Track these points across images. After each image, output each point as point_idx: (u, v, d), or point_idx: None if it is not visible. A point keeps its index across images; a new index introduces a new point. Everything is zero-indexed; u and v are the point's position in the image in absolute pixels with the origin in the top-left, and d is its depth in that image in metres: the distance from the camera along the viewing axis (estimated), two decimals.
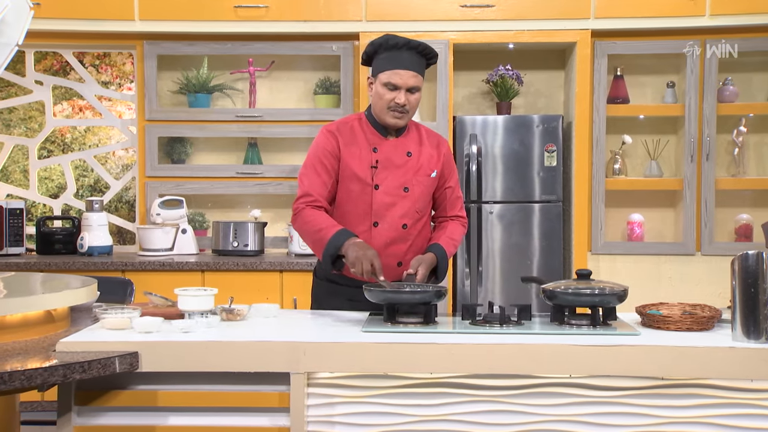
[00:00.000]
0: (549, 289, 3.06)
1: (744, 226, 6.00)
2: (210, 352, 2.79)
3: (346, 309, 3.45)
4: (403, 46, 3.41)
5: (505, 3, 5.71)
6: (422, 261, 3.38)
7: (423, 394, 2.83)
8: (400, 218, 3.47)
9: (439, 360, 2.77)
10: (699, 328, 2.95)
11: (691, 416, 2.75)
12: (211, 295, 3.10)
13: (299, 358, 2.78)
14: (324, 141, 3.48)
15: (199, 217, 6.17)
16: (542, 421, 2.80)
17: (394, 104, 3.40)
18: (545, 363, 2.75)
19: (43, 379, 2.55)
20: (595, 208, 5.86)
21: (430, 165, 3.55)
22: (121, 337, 2.86)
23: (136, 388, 2.85)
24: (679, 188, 5.90)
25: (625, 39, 5.84)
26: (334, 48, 5.95)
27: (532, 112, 6.19)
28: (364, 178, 3.45)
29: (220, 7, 5.76)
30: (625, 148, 6.02)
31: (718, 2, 5.62)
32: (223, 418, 2.85)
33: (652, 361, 2.72)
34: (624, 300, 3.01)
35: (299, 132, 6.00)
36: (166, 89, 6.20)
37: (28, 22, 3.30)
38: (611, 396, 2.78)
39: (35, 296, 2.92)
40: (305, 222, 3.38)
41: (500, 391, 2.81)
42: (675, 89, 5.96)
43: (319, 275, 3.64)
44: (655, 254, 5.89)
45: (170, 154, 6.14)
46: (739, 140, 5.96)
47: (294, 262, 5.52)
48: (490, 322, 3.03)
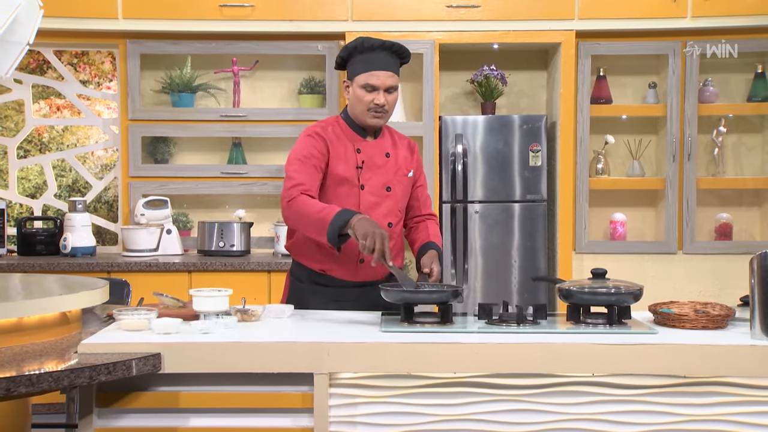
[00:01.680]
0: (565, 288, 3.08)
1: (724, 225, 6.09)
2: (233, 353, 2.78)
3: (331, 309, 3.43)
4: (378, 47, 3.42)
5: (491, 3, 5.74)
6: (433, 258, 3.41)
7: (445, 394, 2.84)
8: (385, 217, 3.49)
9: (463, 359, 2.78)
10: (714, 327, 2.99)
11: (712, 414, 2.79)
12: (226, 295, 3.09)
13: (323, 359, 2.78)
14: (313, 142, 3.44)
15: (183, 218, 6.13)
16: (565, 420, 2.82)
17: (374, 105, 3.42)
18: (568, 362, 2.77)
19: (70, 380, 2.53)
20: (579, 207, 5.91)
21: (407, 165, 3.60)
22: (141, 338, 2.83)
23: (157, 390, 2.84)
24: (661, 188, 5.98)
25: (608, 40, 5.90)
26: (319, 48, 5.95)
27: (515, 112, 6.23)
28: (350, 179, 3.46)
29: (205, 6, 5.73)
30: (607, 148, 6.08)
31: (699, 4, 5.70)
32: (245, 419, 2.84)
33: (674, 359, 2.75)
34: (639, 299, 3.04)
35: (284, 132, 5.98)
36: (149, 89, 6.15)
37: (39, 21, 3.26)
38: (633, 394, 2.81)
39: (53, 298, 2.88)
40: (303, 205, 3.27)
41: (522, 390, 2.83)
42: (657, 90, 6.03)
43: (301, 278, 3.60)
44: (637, 253, 5.96)
45: (153, 154, 6.09)
46: (718, 140, 6.05)
47: (282, 263, 5.50)
48: (507, 321, 3.04)
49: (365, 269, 3.43)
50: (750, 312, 2.86)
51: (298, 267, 3.61)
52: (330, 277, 3.46)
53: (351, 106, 3.50)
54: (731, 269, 5.90)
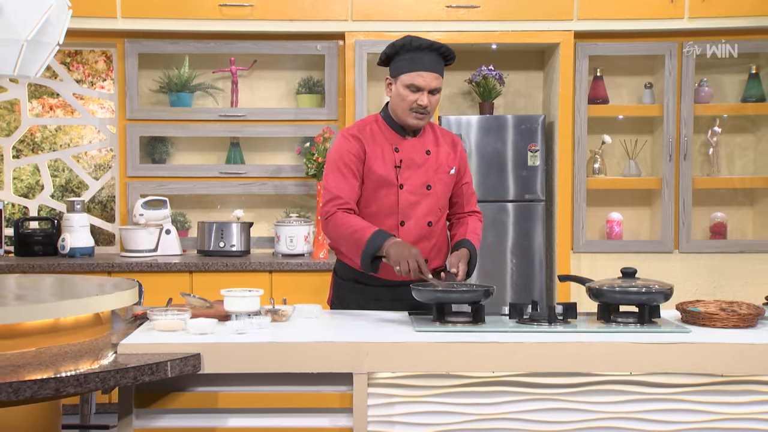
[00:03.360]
0: (596, 288, 3.11)
1: (718, 224, 6.16)
2: (272, 354, 2.78)
3: (371, 308, 3.46)
4: (426, 47, 3.42)
5: (491, 4, 5.77)
6: (461, 257, 3.41)
7: (481, 393, 2.86)
8: (425, 216, 3.49)
9: (501, 359, 2.80)
10: (745, 326, 3.02)
11: (748, 413, 2.83)
12: (257, 296, 3.08)
13: (362, 359, 2.79)
14: (347, 144, 3.46)
15: (181, 218, 6.10)
16: (601, 419, 2.85)
17: (417, 106, 3.42)
18: (606, 361, 2.80)
19: (116, 381, 2.54)
20: (577, 207, 5.95)
21: (448, 162, 3.58)
22: (178, 338, 2.83)
23: (194, 390, 2.83)
24: (657, 187, 6.03)
25: (605, 40, 5.94)
26: (318, 47, 5.94)
27: (512, 112, 6.26)
28: (389, 179, 3.46)
29: (205, 5, 5.71)
30: (604, 148, 6.13)
31: (696, 5, 5.76)
32: (283, 419, 2.84)
33: (711, 358, 2.79)
34: (670, 298, 3.08)
35: (283, 131, 5.98)
36: (146, 88, 6.11)
37: (68, 21, 3.24)
38: (669, 393, 2.84)
39: (90, 298, 2.87)
40: (339, 225, 3.35)
41: (559, 389, 2.85)
42: (653, 90, 6.09)
43: (342, 275, 3.63)
44: (634, 252, 6.01)
45: (151, 154, 6.06)
46: (713, 140, 6.12)
47: (284, 263, 5.49)
48: (538, 320, 3.06)
49: None
50: None
51: (340, 265, 3.63)
52: (369, 276, 3.47)
53: (393, 105, 3.49)
54: (726, 268, 5.99)
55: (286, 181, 5.99)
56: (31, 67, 3.11)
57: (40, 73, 3.22)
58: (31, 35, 3.03)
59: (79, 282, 3.44)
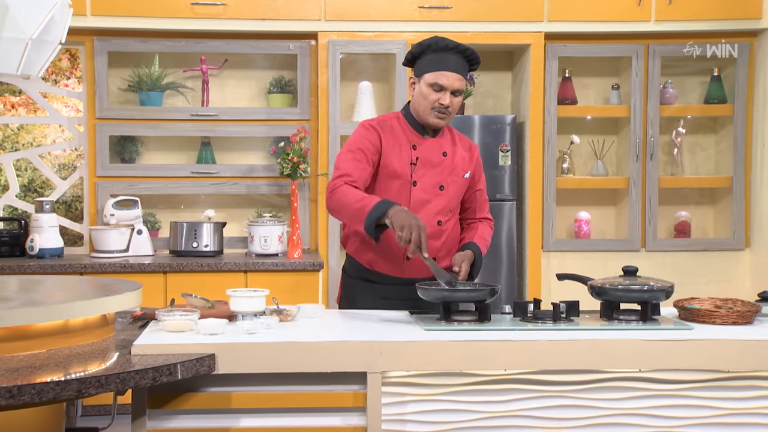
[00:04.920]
0: (598, 285, 3.16)
1: (682, 223, 6.28)
2: (287, 353, 2.78)
3: (378, 307, 3.47)
4: (452, 48, 3.45)
5: (463, 5, 5.81)
6: (464, 258, 3.45)
7: (492, 391, 2.89)
8: (435, 215, 3.51)
9: (514, 357, 2.84)
10: (744, 322, 3.10)
11: (753, 407, 2.90)
12: (263, 296, 3.08)
13: (376, 358, 2.80)
14: (366, 133, 3.49)
15: (151, 218, 6.04)
16: (610, 415, 2.90)
17: (439, 105, 3.44)
18: (615, 358, 2.86)
19: (135, 381, 2.53)
20: (547, 206, 6.03)
21: (464, 166, 3.62)
22: (190, 339, 2.82)
23: (207, 391, 2.82)
24: (624, 187, 6.13)
25: (574, 42, 6.02)
26: (291, 47, 5.93)
27: (481, 112, 6.31)
28: (403, 175, 3.48)
29: (178, 4, 5.66)
30: (573, 148, 6.21)
31: (663, 9, 5.87)
32: (295, 419, 2.84)
33: (717, 354, 2.86)
34: (671, 296, 3.14)
35: (255, 131, 5.96)
36: (115, 87, 6.04)
37: (69, 19, 3.20)
38: (675, 389, 2.90)
39: (99, 299, 2.84)
40: (344, 195, 3.29)
41: (568, 386, 2.90)
42: (620, 91, 6.19)
43: (351, 273, 3.64)
44: (602, 251, 6.10)
45: (120, 154, 5.99)
46: (677, 141, 6.24)
47: (259, 263, 5.48)
48: (542, 318, 3.11)
49: (411, 267, 3.45)
50: None
51: (349, 262, 3.64)
52: (377, 273, 3.49)
53: (415, 103, 3.51)
54: (690, 265, 6.12)
55: (258, 181, 5.96)
56: (34, 66, 3.07)
57: (42, 72, 3.18)
58: (36, 34, 2.99)
59: (79, 283, 3.41)
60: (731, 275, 6.14)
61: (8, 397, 2.32)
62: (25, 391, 2.34)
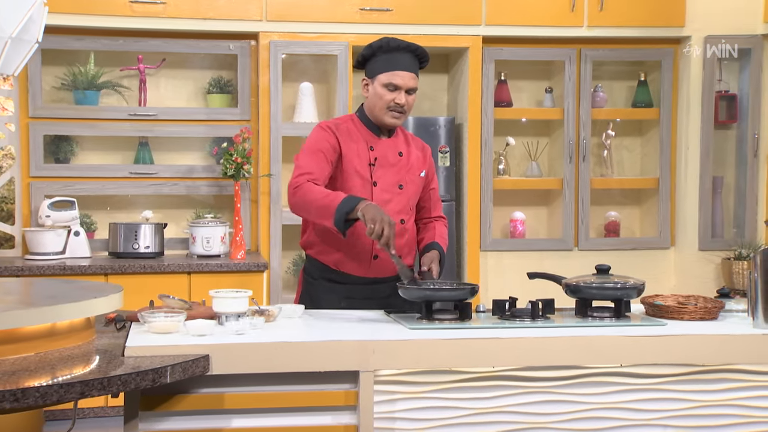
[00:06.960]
0: (573, 284, 3.25)
1: (612, 222, 6.46)
2: (280, 353, 2.79)
3: (342, 306, 3.50)
4: (403, 48, 3.53)
5: (403, 7, 5.87)
6: (432, 258, 3.52)
7: (480, 388, 2.94)
8: (397, 214, 3.55)
9: (502, 354, 2.90)
10: (710, 318, 3.23)
11: (725, 399, 3.03)
12: (247, 296, 3.07)
13: (368, 357, 2.83)
14: (324, 134, 3.51)
15: (87, 219, 5.92)
16: (592, 409, 2.98)
17: (394, 104, 3.49)
18: (599, 354, 2.95)
19: (136, 383, 2.51)
20: (484, 206, 6.13)
21: (419, 165, 3.68)
22: (181, 340, 2.80)
23: (198, 392, 2.80)
24: (557, 187, 6.28)
25: (510, 45, 6.14)
26: (231, 47, 5.90)
27: (417, 114, 6.37)
28: (364, 175, 3.52)
29: (116, 2, 5.57)
30: (508, 150, 6.33)
31: (594, 15, 6.03)
32: (287, 419, 2.85)
33: (692, 349, 2.98)
34: (642, 293, 3.26)
35: (194, 131, 5.91)
36: (48, 85, 5.90)
37: (44, 18, 3.13)
38: (653, 383, 3.00)
39: (86, 302, 2.79)
40: (309, 191, 3.30)
41: (551, 382, 2.97)
42: (553, 94, 6.34)
43: (313, 274, 3.65)
44: (537, 250, 6.24)
45: (55, 153, 5.86)
46: (607, 143, 6.42)
47: (202, 264, 5.44)
48: (521, 316, 3.17)
49: (378, 266, 3.49)
50: (751, 303, 3.09)
51: (311, 263, 3.63)
52: (343, 274, 3.51)
53: (369, 105, 3.55)
54: (621, 264, 6.17)
55: (198, 182, 5.92)
56: (11, 65, 3.00)
57: (19, 71, 3.10)
58: (15, 33, 2.92)
59: (59, 284, 3.34)
60: (658, 273, 6.33)
61: (13, 400, 2.28)
62: (30, 394, 2.30)
